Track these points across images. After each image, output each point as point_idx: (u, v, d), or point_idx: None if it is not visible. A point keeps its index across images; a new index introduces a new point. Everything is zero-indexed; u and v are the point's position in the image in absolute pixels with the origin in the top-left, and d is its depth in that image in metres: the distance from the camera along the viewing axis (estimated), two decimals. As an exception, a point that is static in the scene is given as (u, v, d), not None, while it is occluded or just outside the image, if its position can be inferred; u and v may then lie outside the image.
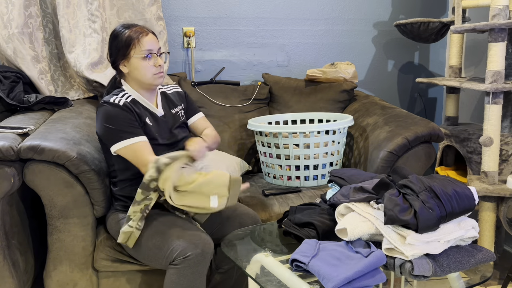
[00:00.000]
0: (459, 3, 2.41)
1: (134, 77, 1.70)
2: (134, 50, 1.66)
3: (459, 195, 1.30)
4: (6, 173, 1.60)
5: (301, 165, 2.19)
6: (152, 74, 1.69)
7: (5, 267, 1.67)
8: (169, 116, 1.80)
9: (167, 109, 1.81)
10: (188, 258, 1.50)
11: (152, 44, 1.68)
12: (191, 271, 1.51)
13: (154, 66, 1.68)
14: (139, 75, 1.69)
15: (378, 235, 1.32)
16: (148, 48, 1.67)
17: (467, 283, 1.33)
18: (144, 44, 1.66)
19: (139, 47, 1.66)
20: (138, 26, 1.70)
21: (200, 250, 1.51)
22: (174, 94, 1.88)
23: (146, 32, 1.69)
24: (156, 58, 1.69)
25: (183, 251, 1.51)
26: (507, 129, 2.24)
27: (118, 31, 1.70)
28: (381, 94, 3.04)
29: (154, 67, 1.68)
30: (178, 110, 1.85)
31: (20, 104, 2.10)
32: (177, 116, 1.83)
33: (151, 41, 1.68)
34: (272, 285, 1.27)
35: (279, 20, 2.85)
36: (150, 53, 1.67)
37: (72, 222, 1.73)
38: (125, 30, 1.68)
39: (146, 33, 1.68)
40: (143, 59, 1.66)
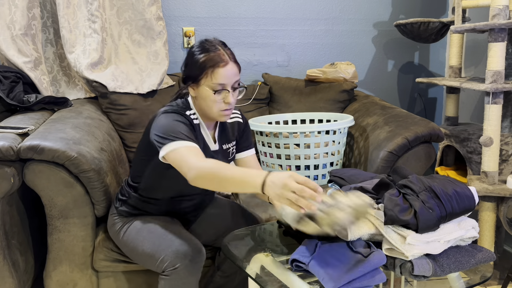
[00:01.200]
0: (459, 3, 2.41)
1: (199, 105, 1.52)
2: (205, 80, 1.46)
3: (459, 195, 1.30)
4: (6, 173, 1.60)
5: (301, 165, 2.18)
6: (219, 110, 1.49)
7: (5, 267, 1.67)
8: (221, 151, 1.63)
9: (220, 144, 1.63)
10: (177, 270, 1.47)
11: (227, 78, 1.45)
12: (182, 282, 1.49)
13: (224, 102, 1.48)
14: (204, 106, 1.50)
15: (378, 235, 1.32)
16: (221, 82, 1.45)
17: (467, 283, 1.33)
18: (218, 77, 1.44)
19: (211, 79, 1.45)
20: (220, 51, 1.47)
21: (188, 260, 1.47)
22: (233, 125, 1.68)
23: (225, 62, 1.45)
24: (227, 95, 1.47)
25: (172, 262, 1.48)
26: (507, 129, 2.24)
27: (195, 51, 1.50)
28: (381, 94, 3.04)
29: (223, 103, 1.48)
30: (230, 146, 1.67)
31: (20, 104, 2.10)
32: (226, 153, 1.66)
33: (227, 74, 1.45)
34: (272, 285, 1.27)
35: (279, 20, 2.85)
36: (223, 88, 1.46)
37: (72, 222, 1.73)
38: (204, 52, 1.47)
39: (225, 63, 1.45)
40: (213, 93, 1.46)
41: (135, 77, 2.47)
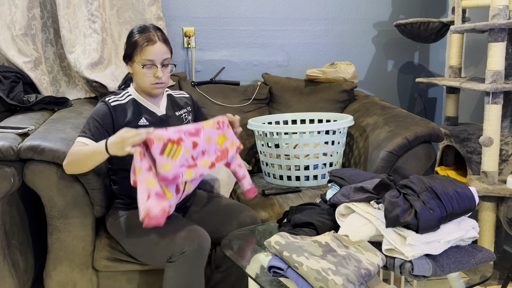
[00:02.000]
0: (459, 3, 2.41)
1: (135, 80, 1.73)
2: (137, 57, 1.67)
3: (459, 196, 1.30)
4: (6, 173, 1.60)
5: (301, 165, 2.18)
6: (150, 84, 1.69)
7: (5, 267, 1.67)
8: (172, 116, 1.80)
9: (171, 110, 1.81)
10: (185, 254, 1.51)
11: (155, 54, 1.66)
12: (189, 268, 1.51)
13: (153, 76, 1.68)
14: (138, 80, 1.71)
15: (378, 236, 1.32)
16: (150, 58, 1.65)
17: (467, 283, 1.33)
18: (147, 54, 1.65)
19: (141, 55, 1.65)
20: (151, 33, 1.68)
21: (196, 245, 1.52)
22: (181, 98, 1.89)
23: (153, 41, 1.66)
24: (156, 69, 1.67)
25: (180, 247, 1.51)
26: (507, 129, 2.24)
27: (132, 32, 1.71)
28: (381, 94, 3.04)
29: (153, 77, 1.68)
30: (182, 112, 1.84)
31: (20, 104, 2.10)
32: (181, 118, 1.83)
33: (156, 51, 1.66)
34: (272, 285, 1.27)
35: (279, 20, 2.85)
36: (151, 63, 1.66)
37: (72, 222, 1.74)
38: (137, 33, 1.68)
39: (153, 42, 1.66)
40: (142, 67, 1.66)
41: (135, 77, 2.47)
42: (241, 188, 1.75)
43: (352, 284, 1.14)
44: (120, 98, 1.73)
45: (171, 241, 1.54)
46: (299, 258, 1.19)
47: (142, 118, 1.72)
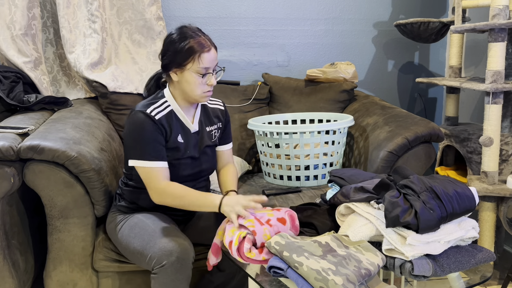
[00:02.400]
0: (459, 3, 2.41)
1: (182, 88, 1.59)
2: (191, 64, 1.54)
3: (459, 196, 1.30)
4: (6, 173, 1.60)
5: (301, 165, 2.18)
6: (202, 92, 1.58)
7: (5, 267, 1.67)
8: (202, 132, 1.71)
9: (202, 126, 1.71)
10: (164, 267, 1.48)
11: (211, 61, 1.56)
12: (171, 279, 1.49)
13: (207, 84, 1.58)
14: (188, 89, 1.58)
15: (378, 236, 1.32)
16: (207, 66, 1.55)
17: (467, 283, 1.33)
18: (204, 62, 1.54)
19: (198, 63, 1.53)
20: (202, 37, 1.56)
21: (175, 258, 1.48)
22: (215, 111, 1.77)
23: (209, 47, 1.55)
24: (210, 77, 1.57)
25: (159, 260, 1.49)
26: (507, 129, 2.24)
27: (179, 37, 1.56)
28: (381, 94, 3.04)
29: (206, 86, 1.58)
30: (213, 128, 1.75)
31: (20, 104, 2.10)
32: (210, 134, 1.73)
33: (211, 58, 1.55)
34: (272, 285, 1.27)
35: (279, 20, 2.85)
36: (207, 72, 1.56)
37: (72, 222, 1.73)
38: (188, 38, 1.54)
39: (209, 48, 1.55)
40: (198, 76, 1.55)
41: (135, 77, 2.47)
42: None
43: (352, 284, 1.14)
44: (161, 108, 1.60)
45: (151, 253, 1.51)
46: (299, 258, 1.19)
47: (179, 135, 1.63)
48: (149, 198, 1.63)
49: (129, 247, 1.61)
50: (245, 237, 1.37)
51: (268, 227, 1.40)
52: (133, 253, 1.59)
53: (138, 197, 1.69)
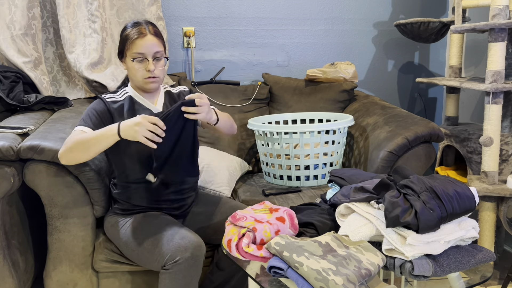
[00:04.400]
0: (459, 3, 2.41)
1: (129, 76, 1.71)
2: (128, 51, 1.64)
3: (460, 196, 1.30)
4: (6, 173, 1.60)
5: (301, 165, 2.18)
6: (142, 78, 1.66)
7: (5, 267, 1.67)
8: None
9: (168, 107, 1.75)
10: (178, 263, 1.49)
11: (145, 47, 1.62)
12: (183, 275, 1.50)
13: (145, 70, 1.64)
14: (131, 75, 1.69)
15: (378, 236, 1.32)
16: (140, 51, 1.62)
17: (467, 283, 1.33)
18: (137, 47, 1.62)
19: (131, 49, 1.63)
20: (142, 26, 1.65)
21: (189, 254, 1.49)
22: (179, 94, 1.84)
23: (144, 34, 1.63)
24: (147, 63, 1.64)
25: (173, 256, 1.50)
26: (507, 129, 2.24)
27: (125, 27, 1.69)
28: (381, 94, 3.04)
29: (145, 71, 1.64)
30: None
31: (20, 104, 2.10)
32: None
33: (146, 44, 1.62)
34: (272, 285, 1.27)
35: (279, 20, 2.85)
36: (142, 57, 1.63)
37: (72, 222, 1.73)
38: (129, 28, 1.66)
39: (144, 35, 1.63)
40: (133, 61, 1.64)
41: (135, 77, 2.47)
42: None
43: (353, 284, 1.14)
44: (116, 96, 1.72)
45: (164, 249, 1.52)
46: (299, 258, 1.19)
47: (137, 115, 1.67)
48: (139, 193, 1.66)
49: (136, 247, 1.60)
50: (244, 233, 1.38)
51: (268, 225, 1.40)
52: (142, 252, 1.59)
53: (129, 196, 1.69)
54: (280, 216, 1.45)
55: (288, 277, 1.21)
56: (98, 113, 1.65)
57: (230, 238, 1.40)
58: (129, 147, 1.61)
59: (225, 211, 1.79)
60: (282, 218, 1.45)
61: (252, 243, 1.38)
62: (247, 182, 2.34)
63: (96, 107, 1.66)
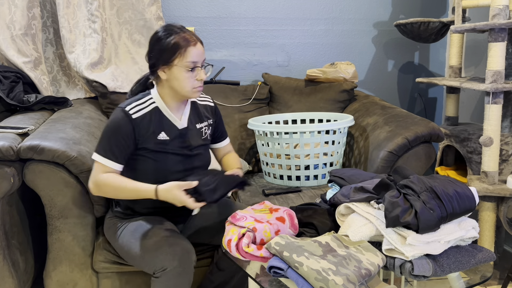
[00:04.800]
0: (459, 3, 2.41)
1: (172, 85, 1.59)
2: (178, 60, 1.53)
3: (460, 196, 1.30)
4: (6, 173, 1.60)
5: (301, 165, 2.18)
6: (192, 88, 1.57)
7: (5, 267, 1.67)
8: (192, 129, 1.69)
9: (192, 123, 1.69)
10: (166, 272, 1.48)
11: (198, 55, 1.55)
12: (173, 283, 1.49)
13: (196, 79, 1.57)
14: (177, 86, 1.57)
15: (378, 236, 1.32)
16: (194, 60, 1.54)
17: (467, 283, 1.33)
18: (191, 55, 1.53)
19: (185, 58, 1.53)
20: (187, 33, 1.56)
21: (177, 262, 1.49)
22: (205, 107, 1.77)
23: (195, 41, 1.55)
24: (199, 72, 1.57)
25: (160, 265, 1.49)
26: (507, 129, 2.24)
27: (164, 34, 1.56)
28: (381, 94, 3.04)
29: (196, 81, 1.57)
30: (203, 125, 1.74)
31: (20, 104, 2.10)
32: (200, 132, 1.72)
33: (198, 52, 1.55)
34: (272, 285, 1.27)
35: (279, 20, 2.85)
36: (195, 66, 1.55)
37: (72, 222, 1.73)
38: (173, 34, 1.54)
39: (195, 42, 1.55)
40: (187, 71, 1.55)
41: (135, 77, 2.46)
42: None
43: (353, 284, 1.14)
44: (143, 106, 1.60)
45: (153, 257, 1.51)
46: (299, 258, 1.19)
47: (162, 132, 1.62)
48: (143, 202, 1.63)
49: (130, 252, 1.60)
50: (244, 233, 1.38)
51: (268, 225, 1.40)
52: (134, 257, 1.59)
53: (134, 202, 1.67)
54: (280, 216, 1.45)
55: (288, 277, 1.21)
56: (123, 139, 1.55)
57: (230, 238, 1.40)
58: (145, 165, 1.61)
59: (225, 211, 1.79)
60: (282, 218, 1.45)
61: (252, 243, 1.38)
62: (247, 182, 2.34)
63: (121, 130, 1.55)
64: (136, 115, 1.57)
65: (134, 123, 1.56)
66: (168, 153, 1.63)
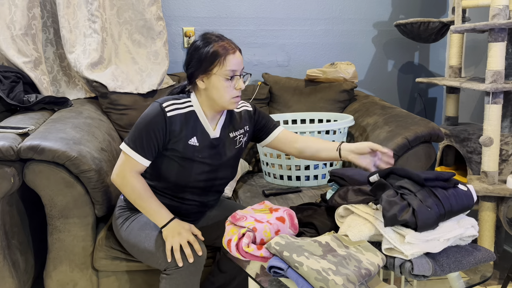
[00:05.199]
0: (459, 3, 2.41)
1: (210, 95, 1.56)
2: (218, 68, 1.51)
3: (457, 193, 1.30)
4: (6, 173, 1.61)
5: (301, 165, 2.19)
6: (231, 97, 1.54)
7: (5, 267, 1.67)
8: (224, 139, 1.65)
9: (225, 132, 1.66)
10: (179, 269, 1.49)
11: (238, 64, 1.53)
12: (183, 281, 1.50)
13: (235, 89, 1.54)
14: (216, 95, 1.54)
15: (378, 235, 1.32)
16: (233, 68, 1.52)
17: (467, 283, 1.33)
18: (230, 64, 1.51)
19: (224, 66, 1.50)
20: (226, 41, 1.54)
21: (191, 260, 1.50)
22: (241, 114, 1.72)
23: (234, 50, 1.53)
24: (238, 81, 1.54)
25: (174, 261, 1.49)
26: (507, 129, 2.24)
27: (203, 43, 1.54)
28: (381, 94, 3.04)
29: (235, 90, 1.54)
30: (237, 134, 1.69)
31: (20, 104, 2.10)
32: (233, 141, 1.68)
33: (237, 61, 1.53)
34: (272, 285, 1.27)
35: (279, 20, 2.85)
36: (234, 74, 1.53)
37: (72, 222, 1.74)
38: (212, 43, 1.52)
39: (234, 51, 1.53)
40: (226, 80, 1.52)
41: (135, 77, 2.47)
42: None
43: (353, 284, 1.14)
44: (180, 106, 1.57)
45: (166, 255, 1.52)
46: (299, 258, 1.19)
47: (194, 137, 1.58)
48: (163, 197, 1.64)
49: (138, 246, 1.60)
50: (244, 233, 1.38)
51: (268, 225, 1.40)
52: (144, 252, 1.59)
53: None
54: (280, 216, 1.45)
55: (288, 277, 1.21)
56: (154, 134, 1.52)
57: (230, 238, 1.40)
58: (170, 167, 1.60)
59: (227, 213, 1.79)
60: (282, 218, 1.45)
61: (252, 243, 1.38)
62: (247, 182, 2.34)
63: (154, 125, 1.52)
64: (171, 113, 1.54)
65: (168, 121, 1.54)
66: (195, 161, 1.60)
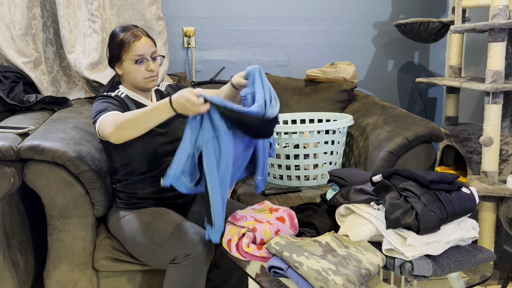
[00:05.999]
0: (459, 3, 2.41)
1: (127, 78, 1.74)
2: (126, 54, 1.69)
3: (460, 196, 1.30)
4: (6, 173, 1.60)
5: (301, 165, 2.18)
6: (143, 78, 1.71)
7: (5, 267, 1.67)
8: None
9: None
10: (190, 257, 1.51)
11: (143, 49, 1.69)
12: (193, 269, 1.52)
13: (146, 70, 1.70)
14: (131, 78, 1.72)
15: (378, 236, 1.32)
16: (139, 53, 1.68)
17: (467, 283, 1.33)
18: (136, 49, 1.68)
19: (130, 52, 1.68)
20: (134, 29, 1.72)
21: (201, 248, 1.52)
22: (166, 88, 1.90)
23: (139, 36, 1.70)
24: (147, 63, 1.70)
25: (185, 250, 1.52)
26: (507, 129, 2.24)
27: (115, 33, 1.73)
28: (381, 94, 3.04)
29: (146, 71, 1.70)
30: None
31: (20, 104, 2.10)
32: None
33: (143, 46, 1.69)
34: (272, 285, 1.27)
35: (279, 20, 2.85)
36: (142, 58, 1.69)
37: (72, 222, 1.73)
38: (120, 32, 1.71)
39: (139, 37, 1.70)
40: (134, 64, 1.69)
41: (135, 77, 2.47)
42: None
43: (353, 284, 1.14)
44: (114, 93, 1.74)
45: (176, 243, 1.54)
46: (299, 258, 1.19)
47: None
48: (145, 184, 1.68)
49: (143, 241, 1.61)
50: (244, 233, 1.38)
51: (268, 225, 1.41)
52: (150, 246, 1.60)
53: (134, 188, 1.70)
54: (280, 216, 1.45)
55: (288, 277, 1.21)
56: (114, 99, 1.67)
57: (230, 238, 1.40)
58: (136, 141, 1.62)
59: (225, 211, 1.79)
60: (282, 218, 1.45)
61: (252, 243, 1.38)
62: (247, 182, 2.34)
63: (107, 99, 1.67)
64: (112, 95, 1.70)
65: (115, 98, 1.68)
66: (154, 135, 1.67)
